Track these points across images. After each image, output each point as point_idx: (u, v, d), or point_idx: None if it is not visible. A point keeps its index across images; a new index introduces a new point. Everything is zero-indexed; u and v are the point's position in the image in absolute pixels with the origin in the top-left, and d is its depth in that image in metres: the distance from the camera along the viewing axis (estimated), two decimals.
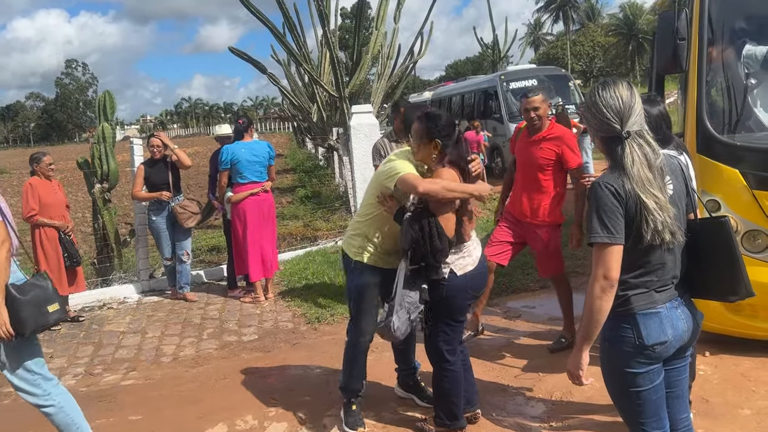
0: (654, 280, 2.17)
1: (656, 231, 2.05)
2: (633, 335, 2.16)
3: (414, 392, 3.94)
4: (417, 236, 2.99)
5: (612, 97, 2.10)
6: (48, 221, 5.82)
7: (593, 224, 2.06)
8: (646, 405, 2.24)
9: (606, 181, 2.07)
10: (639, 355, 2.17)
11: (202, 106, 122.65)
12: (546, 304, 6.15)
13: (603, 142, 2.16)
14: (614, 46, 58.15)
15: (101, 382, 4.66)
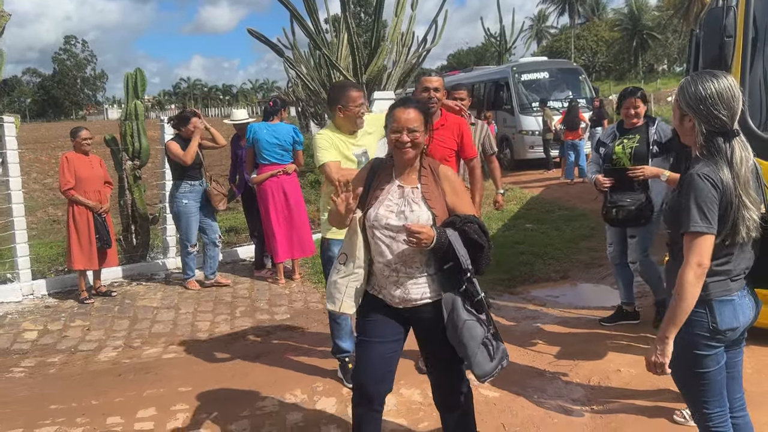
0: (731, 269, 2.28)
1: (748, 228, 2.16)
2: (707, 320, 2.26)
3: None
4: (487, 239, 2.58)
5: (726, 91, 2.15)
6: (82, 200, 5.86)
7: (692, 214, 2.14)
8: (711, 385, 2.35)
9: (705, 173, 2.15)
10: (711, 339, 2.27)
11: (200, 87, 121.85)
12: (569, 294, 6.28)
13: (705, 136, 2.20)
14: (618, 42, 58.11)
15: (142, 354, 4.76)
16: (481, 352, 2.51)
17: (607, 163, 4.65)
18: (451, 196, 2.66)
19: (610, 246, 4.96)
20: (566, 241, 8.01)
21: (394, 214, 2.59)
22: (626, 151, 4.57)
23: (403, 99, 2.77)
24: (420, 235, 2.41)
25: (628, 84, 47.71)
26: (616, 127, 4.80)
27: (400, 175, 2.69)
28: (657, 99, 28.73)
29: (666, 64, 63.74)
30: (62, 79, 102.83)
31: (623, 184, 4.54)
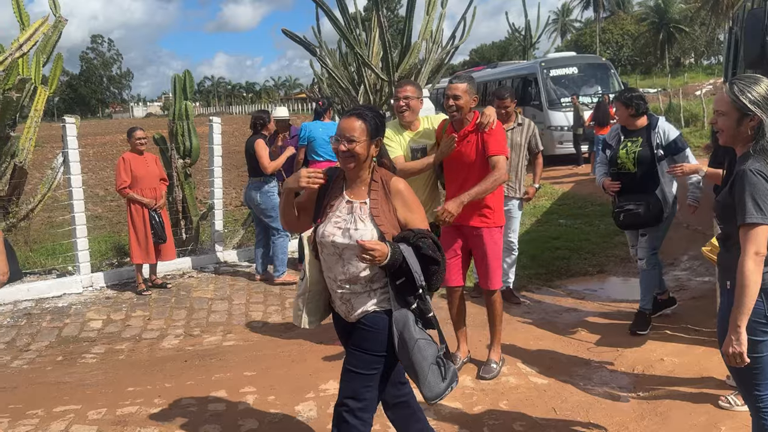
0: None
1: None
2: (764, 308, 2.43)
3: None
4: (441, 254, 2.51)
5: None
6: (137, 197, 6.15)
7: (747, 206, 2.32)
8: (764, 369, 2.51)
9: (757, 169, 2.34)
10: (766, 326, 2.44)
11: (224, 85, 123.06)
12: (607, 288, 6.43)
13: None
14: (644, 35, 57.42)
15: (204, 342, 5.03)
16: (432, 373, 2.43)
17: (613, 167, 4.69)
18: (402, 211, 2.56)
19: (633, 248, 5.03)
20: (601, 236, 8.14)
21: (340, 232, 2.51)
22: (630, 156, 4.57)
23: (353, 108, 2.69)
24: (374, 252, 2.34)
25: (654, 78, 47.25)
26: (620, 129, 4.79)
27: (350, 188, 2.61)
28: (685, 93, 28.40)
29: (693, 57, 62.83)
30: (89, 77, 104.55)
31: (629, 188, 4.59)
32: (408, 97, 4.06)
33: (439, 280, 2.51)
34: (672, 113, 23.47)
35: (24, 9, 6.15)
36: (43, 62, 6.46)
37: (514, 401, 3.78)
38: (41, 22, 6.20)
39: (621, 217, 4.62)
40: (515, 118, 5.44)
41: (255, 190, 6.40)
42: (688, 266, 6.77)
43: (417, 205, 2.62)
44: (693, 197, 4.58)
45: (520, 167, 5.51)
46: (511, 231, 5.61)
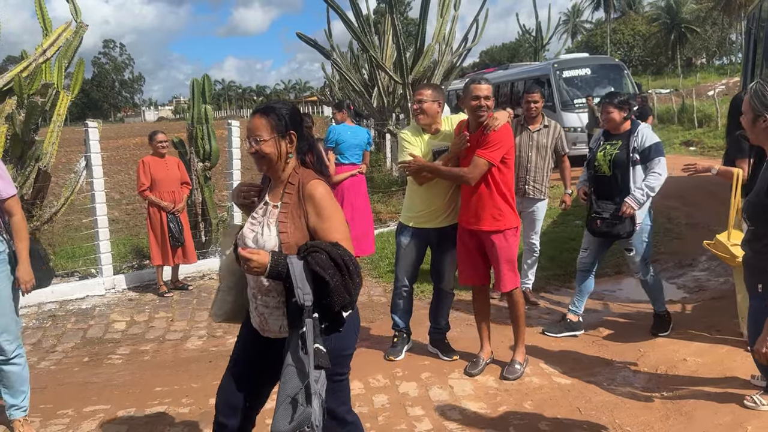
0: None
1: None
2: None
3: (439, 349, 4.52)
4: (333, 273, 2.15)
5: None
6: (155, 200, 6.22)
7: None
8: None
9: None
10: None
11: (235, 88, 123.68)
12: (626, 289, 6.41)
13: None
14: (655, 36, 57.13)
15: (227, 343, 5.07)
16: (284, 408, 2.14)
17: (591, 170, 4.64)
18: (313, 218, 2.29)
19: (585, 251, 4.88)
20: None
21: (252, 236, 2.34)
22: (606, 158, 4.50)
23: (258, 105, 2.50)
24: (249, 262, 2.12)
25: (666, 79, 46.94)
26: (602, 133, 4.72)
27: (272, 189, 2.44)
28: (697, 93, 28.27)
29: (705, 57, 62.43)
30: (101, 81, 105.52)
31: (603, 191, 4.54)
32: (421, 101, 4.12)
33: (335, 301, 2.14)
34: (685, 114, 23.36)
35: (48, 15, 6.25)
36: (66, 67, 6.55)
37: (539, 401, 3.80)
38: (64, 27, 6.30)
39: (597, 224, 4.54)
40: (542, 120, 5.45)
41: None
42: (707, 266, 6.75)
43: (332, 212, 2.30)
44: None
45: (546, 170, 5.51)
46: (533, 233, 5.64)
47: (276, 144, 2.33)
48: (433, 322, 4.58)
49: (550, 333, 4.88)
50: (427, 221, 4.28)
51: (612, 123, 4.58)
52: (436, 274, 4.49)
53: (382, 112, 13.63)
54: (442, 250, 4.35)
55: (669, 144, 18.16)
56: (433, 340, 4.60)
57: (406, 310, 4.54)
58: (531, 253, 5.74)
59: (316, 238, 2.27)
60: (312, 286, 2.13)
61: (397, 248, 4.48)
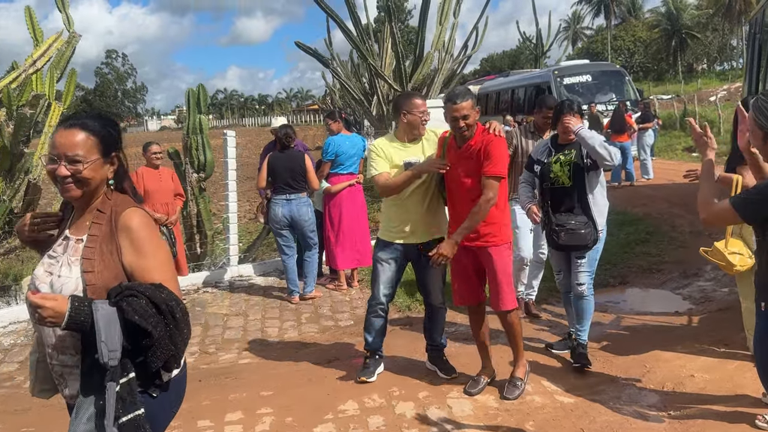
0: None
1: None
2: None
3: (438, 366, 4.35)
4: (156, 322, 1.75)
5: None
6: (148, 212, 6.07)
7: None
8: None
9: None
10: None
11: (237, 97, 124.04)
12: (629, 300, 6.27)
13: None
14: (656, 42, 57.14)
15: (219, 360, 4.93)
16: None
17: (546, 182, 4.25)
18: (129, 255, 1.87)
19: (559, 273, 4.55)
20: (621, 246, 7.97)
21: (49, 279, 1.89)
22: (564, 169, 4.17)
23: (71, 116, 1.98)
24: (42, 310, 1.66)
25: (668, 84, 46.90)
26: (550, 142, 4.37)
27: (75, 220, 1.99)
28: (699, 99, 28.15)
29: (705, 63, 62.39)
30: (104, 92, 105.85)
31: (565, 202, 4.21)
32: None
33: (156, 358, 1.75)
34: None
35: (38, 25, 6.15)
36: (57, 78, 6.45)
37: (541, 422, 3.64)
38: (55, 37, 6.20)
39: (562, 236, 4.14)
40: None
41: (306, 206, 6.20)
42: (713, 276, 6.60)
43: (153, 247, 1.91)
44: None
45: None
46: (543, 243, 5.41)
47: (99, 167, 1.90)
48: (428, 339, 4.42)
49: (556, 350, 4.69)
50: (407, 236, 4.12)
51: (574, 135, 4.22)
52: (424, 290, 4.34)
53: (382, 121, 13.55)
54: (424, 265, 4.16)
55: (671, 150, 18.03)
56: (431, 357, 4.45)
57: (381, 330, 4.33)
58: (539, 264, 5.56)
59: (133, 279, 1.84)
60: (124, 339, 1.71)
61: (374, 265, 4.27)
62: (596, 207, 4.18)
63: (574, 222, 4.11)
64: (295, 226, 6.16)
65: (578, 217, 4.14)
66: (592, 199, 4.17)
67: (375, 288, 4.26)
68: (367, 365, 4.33)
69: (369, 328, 4.33)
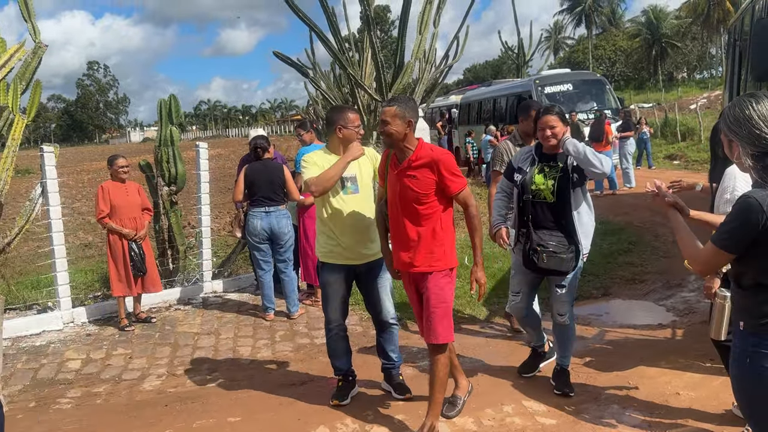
0: None
1: None
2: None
3: (392, 386, 4.18)
4: None
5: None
6: (116, 227, 5.88)
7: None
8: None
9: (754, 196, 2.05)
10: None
11: (220, 108, 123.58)
12: (613, 312, 6.14)
13: (753, 158, 2.12)
14: (636, 51, 57.75)
15: (186, 383, 4.71)
16: None
17: (526, 194, 3.84)
18: None
19: (516, 295, 4.10)
20: (604, 256, 7.86)
21: None
22: (548, 183, 3.78)
23: None
24: None
25: (648, 93, 47.35)
26: (534, 150, 3.96)
27: None
28: (680, 107, 28.36)
29: (686, 72, 63.15)
30: (86, 103, 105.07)
31: (546, 220, 3.80)
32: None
33: None
34: (668, 128, 23.39)
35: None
36: (22, 90, 6.21)
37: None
38: (17, 47, 5.97)
39: (544, 259, 3.74)
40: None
41: (285, 218, 6.01)
42: (697, 287, 6.49)
43: None
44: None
45: None
46: None
47: None
48: (382, 357, 4.20)
49: (526, 374, 4.38)
50: (347, 258, 3.93)
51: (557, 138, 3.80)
52: (373, 308, 4.13)
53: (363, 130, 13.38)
54: (370, 282, 4.02)
55: (653, 158, 18.06)
56: (386, 376, 4.24)
57: (345, 351, 4.17)
58: None
59: None
60: None
61: (322, 288, 4.08)
62: (582, 228, 3.82)
63: (556, 243, 3.74)
64: (275, 239, 5.96)
65: (562, 238, 3.76)
66: (578, 218, 3.80)
67: (328, 311, 4.07)
68: (340, 388, 4.15)
69: (332, 353, 4.16)
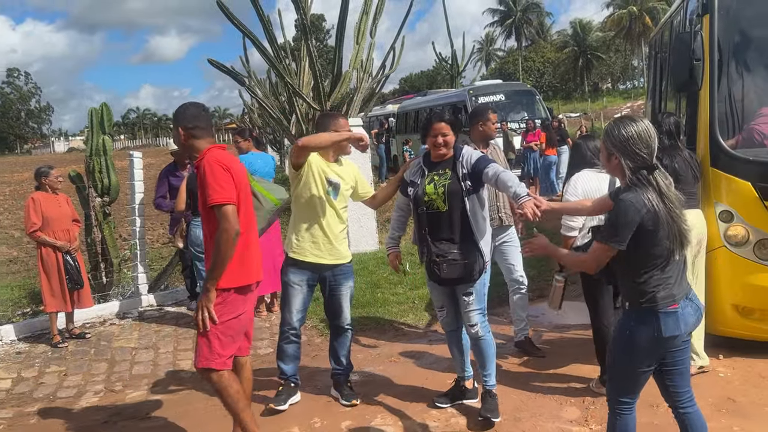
0: (673, 282, 2.61)
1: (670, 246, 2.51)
2: (654, 327, 2.58)
3: (340, 393, 4.23)
4: None
5: (644, 132, 2.53)
6: (50, 240, 5.68)
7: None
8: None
9: (630, 199, 2.51)
10: (655, 343, 2.61)
11: (150, 116, 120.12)
12: (548, 313, 6.34)
13: (630, 170, 2.54)
14: (564, 62, 59.99)
15: (126, 398, 4.58)
16: None
17: (421, 206, 3.71)
18: None
19: (442, 310, 3.95)
20: (539, 260, 8.11)
21: None
22: (439, 191, 3.65)
23: None
24: None
25: (576, 103, 49.22)
26: (422, 161, 3.83)
27: None
28: (605, 116, 29.67)
29: (610, 82, 66.05)
30: (5, 112, 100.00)
31: (441, 230, 3.67)
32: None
33: None
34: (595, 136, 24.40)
35: None
36: None
37: None
38: None
39: (444, 268, 3.61)
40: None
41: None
42: None
43: None
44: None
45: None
46: (516, 264, 4.94)
47: None
48: (334, 362, 4.26)
49: (441, 404, 4.07)
50: (320, 256, 4.00)
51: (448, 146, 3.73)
52: (333, 313, 4.20)
53: None
54: (335, 286, 4.09)
55: None
56: (335, 383, 4.29)
57: (294, 357, 4.18)
58: (519, 290, 5.04)
59: None
60: None
61: (284, 288, 4.08)
62: (480, 234, 3.69)
63: (456, 252, 3.62)
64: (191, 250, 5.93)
65: (460, 245, 3.65)
66: (475, 226, 3.66)
67: (286, 312, 4.08)
68: (279, 393, 4.16)
69: (282, 356, 4.18)
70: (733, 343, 4.54)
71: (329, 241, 3.99)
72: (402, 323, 5.93)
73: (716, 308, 4.47)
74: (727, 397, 3.93)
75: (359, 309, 6.32)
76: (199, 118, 3.29)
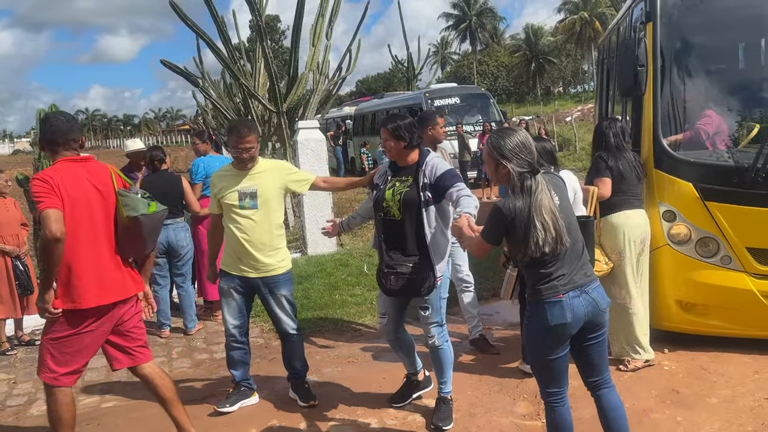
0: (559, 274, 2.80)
1: (539, 243, 2.67)
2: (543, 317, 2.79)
3: (299, 394, 4.27)
4: None
5: (526, 140, 2.75)
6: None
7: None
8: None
9: (500, 204, 2.73)
10: (547, 333, 2.81)
11: (100, 117, 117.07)
12: (502, 311, 6.48)
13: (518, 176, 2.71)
14: (517, 66, 61.07)
15: (79, 405, 4.45)
16: None
17: (379, 212, 3.66)
18: None
19: (384, 317, 3.89)
20: (494, 259, 8.23)
21: None
22: (395, 198, 3.56)
23: None
24: None
25: (528, 106, 50.15)
26: (388, 165, 3.77)
27: None
28: (557, 119, 30.36)
29: (561, 86, 67.57)
30: None
31: (397, 240, 3.58)
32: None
33: None
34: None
35: None
36: None
37: None
38: None
39: (392, 280, 3.55)
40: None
41: (184, 231, 5.87)
42: None
43: None
44: None
45: None
46: (463, 264, 5.00)
47: None
48: (288, 367, 4.29)
49: (396, 404, 4.12)
50: (241, 270, 4.04)
51: (392, 153, 3.65)
52: (272, 319, 4.27)
53: (258, 142, 13.26)
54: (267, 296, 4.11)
55: None
56: (292, 385, 4.33)
57: (241, 361, 4.23)
58: (466, 289, 5.11)
59: None
60: None
61: (220, 297, 4.17)
62: (435, 248, 3.56)
63: (407, 265, 3.52)
64: (172, 252, 5.82)
65: (412, 258, 3.53)
66: (431, 239, 3.54)
67: (224, 320, 4.18)
68: (228, 396, 4.20)
69: (229, 362, 4.25)
70: (677, 338, 4.73)
71: (252, 256, 3.97)
72: (360, 324, 5.97)
73: (660, 304, 4.67)
74: (672, 389, 4.11)
75: (317, 311, 6.34)
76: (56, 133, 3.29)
